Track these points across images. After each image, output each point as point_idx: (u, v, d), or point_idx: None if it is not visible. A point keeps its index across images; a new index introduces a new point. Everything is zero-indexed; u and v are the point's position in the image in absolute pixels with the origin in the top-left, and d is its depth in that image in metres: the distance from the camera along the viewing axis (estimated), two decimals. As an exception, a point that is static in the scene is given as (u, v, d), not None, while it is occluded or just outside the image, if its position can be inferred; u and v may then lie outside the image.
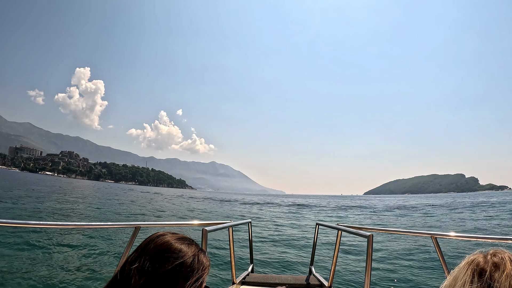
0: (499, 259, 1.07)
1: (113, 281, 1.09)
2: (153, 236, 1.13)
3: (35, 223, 2.61)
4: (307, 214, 34.08)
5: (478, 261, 1.07)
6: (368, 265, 2.85)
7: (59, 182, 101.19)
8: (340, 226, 4.14)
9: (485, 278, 1.07)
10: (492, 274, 1.07)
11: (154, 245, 1.09)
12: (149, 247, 1.09)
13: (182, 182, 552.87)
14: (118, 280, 1.09)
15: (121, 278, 1.09)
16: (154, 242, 1.10)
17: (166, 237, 1.12)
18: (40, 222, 2.62)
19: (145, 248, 1.10)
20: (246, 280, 4.65)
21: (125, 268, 1.09)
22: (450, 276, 1.07)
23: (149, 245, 1.10)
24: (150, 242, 1.11)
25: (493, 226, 21.17)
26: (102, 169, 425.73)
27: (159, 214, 26.99)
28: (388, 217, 31.41)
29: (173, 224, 4.12)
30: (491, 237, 3.04)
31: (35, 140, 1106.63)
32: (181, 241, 1.12)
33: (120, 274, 1.09)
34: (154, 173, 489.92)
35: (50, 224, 2.67)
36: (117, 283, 1.09)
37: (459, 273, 1.07)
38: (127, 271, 1.08)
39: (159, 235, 1.13)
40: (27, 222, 2.52)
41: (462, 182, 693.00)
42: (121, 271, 1.09)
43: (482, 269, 1.07)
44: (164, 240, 1.10)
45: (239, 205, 49.77)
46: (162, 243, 1.09)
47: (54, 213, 20.79)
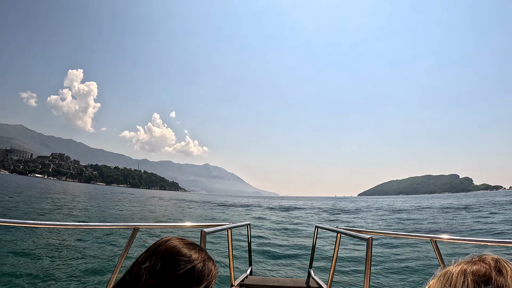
0: (495, 263, 1.05)
1: (123, 280, 1.11)
2: (162, 240, 1.16)
3: (32, 223, 2.53)
4: (304, 216, 33.99)
5: (476, 270, 1.03)
6: (367, 268, 2.84)
7: (40, 184, 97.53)
8: (339, 229, 4.09)
9: (494, 286, 1.04)
10: (497, 279, 1.04)
11: (165, 247, 1.12)
12: (160, 249, 1.12)
13: (175, 185, 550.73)
14: (127, 279, 1.10)
15: (130, 278, 1.10)
16: (165, 245, 1.13)
17: (176, 242, 1.15)
18: (38, 221, 2.55)
19: (156, 250, 1.12)
20: (244, 282, 4.65)
21: (134, 268, 1.10)
22: (437, 281, 1.04)
23: (160, 247, 1.13)
24: (161, 245, 1.13)
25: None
26: (94, 172, 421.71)
27: (155, 215, 26.59)
28: (387, 219, 31.36)
29: (172, 226, 3.95)
30: (491, 240, 3.01)
31: (27, 142, 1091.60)
32: (191, 246, 1.15)
33: (129, 274, 1.10)
34: (146, 175, 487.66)
35: (48, 224, 2.60)
36: (126, 282, 1.10)
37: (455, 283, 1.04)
38: (136, 271, 1.10)
39: (168, 239, 1.16)
40: (25, 221, 2.45)
41: (457, 183, 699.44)
42: (130, 270, 1.11)
43: (488, 278, 1.04)
44: (175, 244, 1.13)
45: (234, 207, 49.47)
46: (173, 247, 1.12)
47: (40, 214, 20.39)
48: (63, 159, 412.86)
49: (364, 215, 36.51)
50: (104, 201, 41.74)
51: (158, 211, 33.84)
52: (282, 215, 34.80)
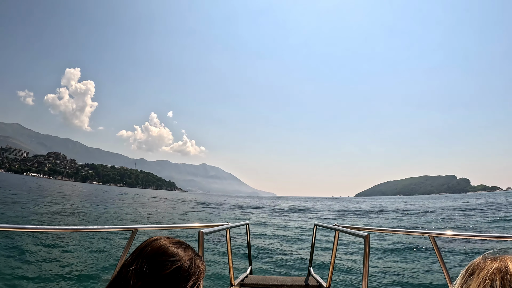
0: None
1: (111, 284, 1.10)
2: (149, 240, 1.15)
3: (32, 228, 2.52)
4: (303, 215, 34.07)
5: (500, 268, 1.04)
6: (366, 265, 2.89)
7: (32, 183, 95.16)
8: (338, 226, 4.14)
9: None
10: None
11: (151, 248, 1.12)
12: (146, 250, 1.11)
13: (171, 184, 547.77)
14: (115, 283, 1.10)
15: (118, 281, 1.09)
16: (151, 246, 1.12)
17: (162, 241, 1.14)
18: (37, 226, 2.52)
19: (142, 251, 1.12)
20: (244, 282, 4.68)
21: (122, 271, 1.10)
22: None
23: (146, 248, 1.12)
24: (147, 246, 1.13)
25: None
26: (90, 171, 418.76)
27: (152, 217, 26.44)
28: (384, 218, 31.44)
29: (170, 227, 3.95)
30: (489, 235, 3.02)
31: (24, 141, 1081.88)
32: (177, 245, 1.14)
33: (117, 277, 1.10)
34: (143, 175, 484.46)
35: (47, 228, 2.67)
36: (114, 286, 1.09)
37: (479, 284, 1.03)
38: (124, 274, 1.09)
39: (155, 239, 1.15)
40: (24, 226, 2.46)
41: (454, 183, 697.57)
42: (118, 273, 1.10)
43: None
44: (161, 244, 1.12)
45: (232, 207, 49.43)
46: (159, 247, 1.11)
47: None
48: (59, 158, 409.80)
49: (361, 214, 36.59)
50: (99, 202, 41.42)
51: (155, 213, 33.66)
52: (281, 214, 34.83)
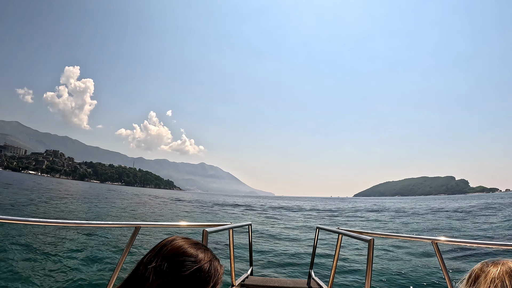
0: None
1: (128, 279, 1.10)
2: (167, 240, 1.13)
3: (34, 220, 2.48)
4: (303, 216, 33.95)
5: (506, 270, 1.05)
6: (369, 269, 2.85)
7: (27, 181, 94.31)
8: (341, 230, 4.07)
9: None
10: None
11: (171, 247, 1.10)
12: (166, 249, 1.10)
13: (170, 183, 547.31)
14: (132, 279, 1.09)
15: (136, 278, 1.09)
16: (171, 245, 1.11)
17: (181, 241, 1.12)
18: (39, 219, 2.47)
19: (161, 250, 1.11)
20: (245, 282, 4.66)
21: (139, 268, 1.09)
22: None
23: (166, 247, 1.11)
24: (166, 245, 1.11)
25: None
26: (88, 169, 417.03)
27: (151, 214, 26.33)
28: (386, 220, 31.29)
29: (174, 225, 3.90)
30: (493, 243, 2.96)
31: (23, 139, 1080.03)
32: (196, 246, 1.12)
33: (134, 273, 1.09)
34: (141, 173, 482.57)
35: (49, 221, 2.52)
36: (131, 282, 1.09)
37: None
38: (141, 271, 1.09)
39: (173, 239, 1.13)
40: (27, 219, 2.43)
41: (452, 185, 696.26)
42: (135, 270, 1.10)
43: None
44: (180, 244, 1.11)
45: (232, 207, 49.20)
46: (178, 247, 1.10)
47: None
48: (57, 156, 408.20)
49: (362, 216, 36.47)
50: (99, 199, 41.32)
51: (156, 209, 33.65)
52: (282, 215, 34.71)
